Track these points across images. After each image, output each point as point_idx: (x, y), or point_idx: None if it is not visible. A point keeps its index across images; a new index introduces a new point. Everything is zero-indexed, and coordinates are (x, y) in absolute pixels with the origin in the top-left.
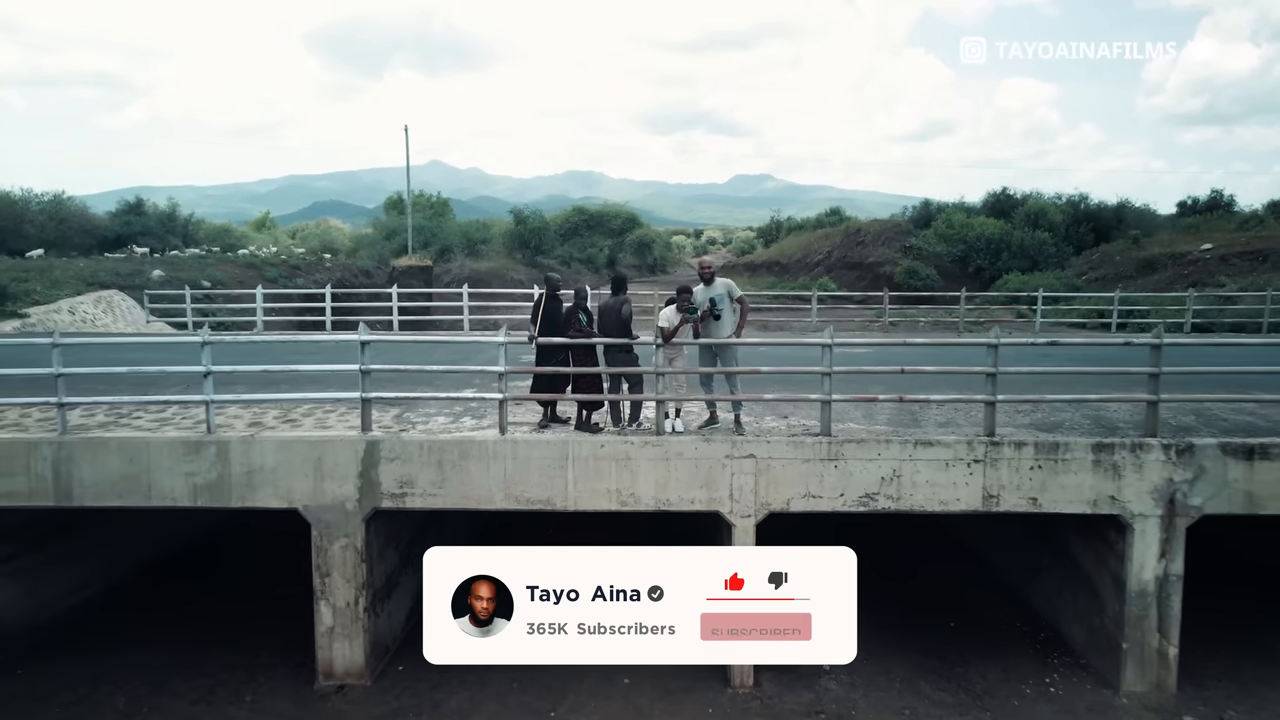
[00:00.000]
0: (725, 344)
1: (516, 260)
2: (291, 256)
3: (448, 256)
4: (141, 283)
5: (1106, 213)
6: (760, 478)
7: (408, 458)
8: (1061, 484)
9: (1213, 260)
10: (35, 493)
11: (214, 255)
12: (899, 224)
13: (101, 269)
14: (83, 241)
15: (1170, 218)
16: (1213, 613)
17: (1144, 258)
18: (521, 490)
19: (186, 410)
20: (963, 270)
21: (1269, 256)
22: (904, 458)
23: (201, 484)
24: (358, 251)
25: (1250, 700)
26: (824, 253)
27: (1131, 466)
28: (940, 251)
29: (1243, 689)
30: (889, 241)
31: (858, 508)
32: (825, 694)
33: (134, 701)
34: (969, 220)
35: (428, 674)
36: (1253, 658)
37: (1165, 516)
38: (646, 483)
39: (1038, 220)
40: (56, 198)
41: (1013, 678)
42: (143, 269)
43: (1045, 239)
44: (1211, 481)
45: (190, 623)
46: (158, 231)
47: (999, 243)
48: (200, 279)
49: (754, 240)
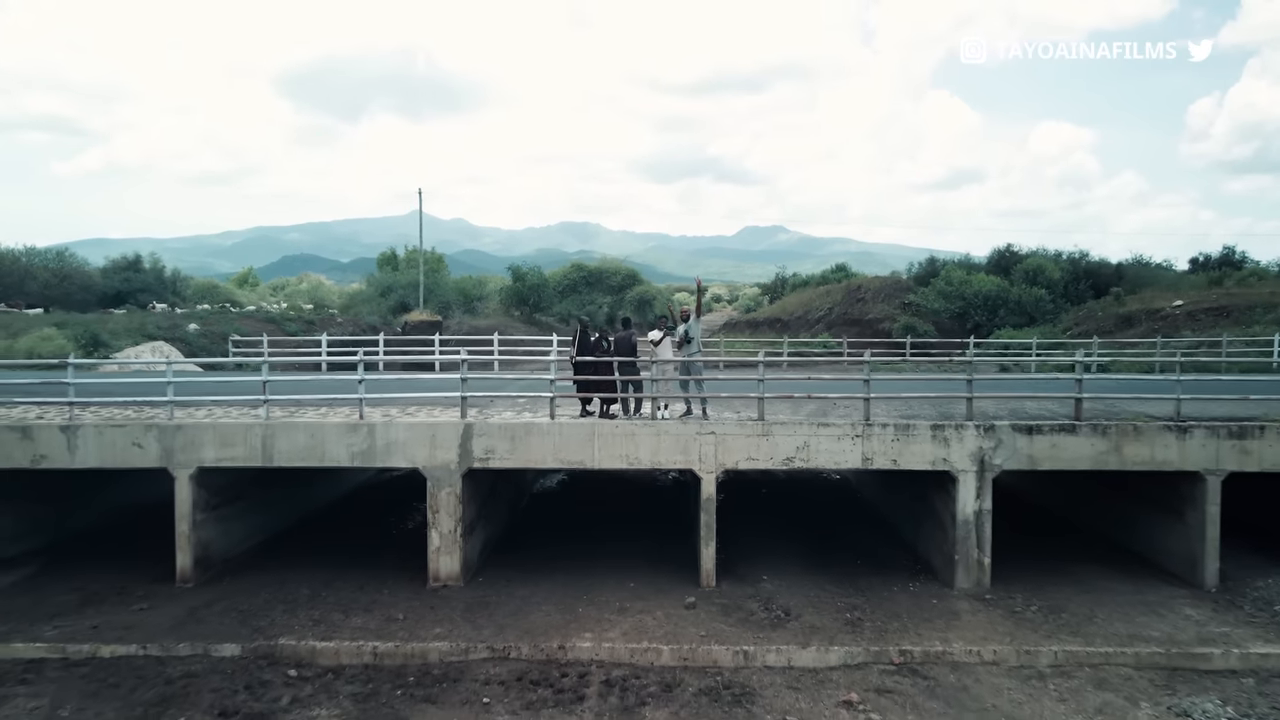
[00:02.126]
0: (691, 361)
1: (514, 317)
2: (301, 312)
3: (445, 313)
4: (181, 335)
5: (1107, 270)
6: (719, 446)
7: (490, 434)
8: (912, 451)
9: (1181, 315)
10: (249, 457)
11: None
12: (900, 281)
13: (148, 323)
14: (83, 298)
15: (1183, 274)
16: (1019, 545)
17: (1123, 313)
18: (564, 455)
19: (334, 409)
20: (960, 326)
21: (1230, 312)
22: (811, 434)
23: (357, 451)
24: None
25: (1036, 593)
26: (825, 309)
27: (956, 439)
28: (938, 308)
29: (1031, 586)
30: (889, 298)
31: (783, 466)
32: (764, 590)
33: (313, 591)
34: (968, 278)
35: (502, 579)
36: (1041, 569)
37: (978, 471)
38: (645, 450)
39: (1036, 277)
40: (59, 254)
41: (888, 584)
42: (178, 323)
43: (1042, 295)
44: (1006, 448)
45: (341, 549)
46: (155, 288)
47: (996, 299)
48: (230, 331)
49: (760, 297)
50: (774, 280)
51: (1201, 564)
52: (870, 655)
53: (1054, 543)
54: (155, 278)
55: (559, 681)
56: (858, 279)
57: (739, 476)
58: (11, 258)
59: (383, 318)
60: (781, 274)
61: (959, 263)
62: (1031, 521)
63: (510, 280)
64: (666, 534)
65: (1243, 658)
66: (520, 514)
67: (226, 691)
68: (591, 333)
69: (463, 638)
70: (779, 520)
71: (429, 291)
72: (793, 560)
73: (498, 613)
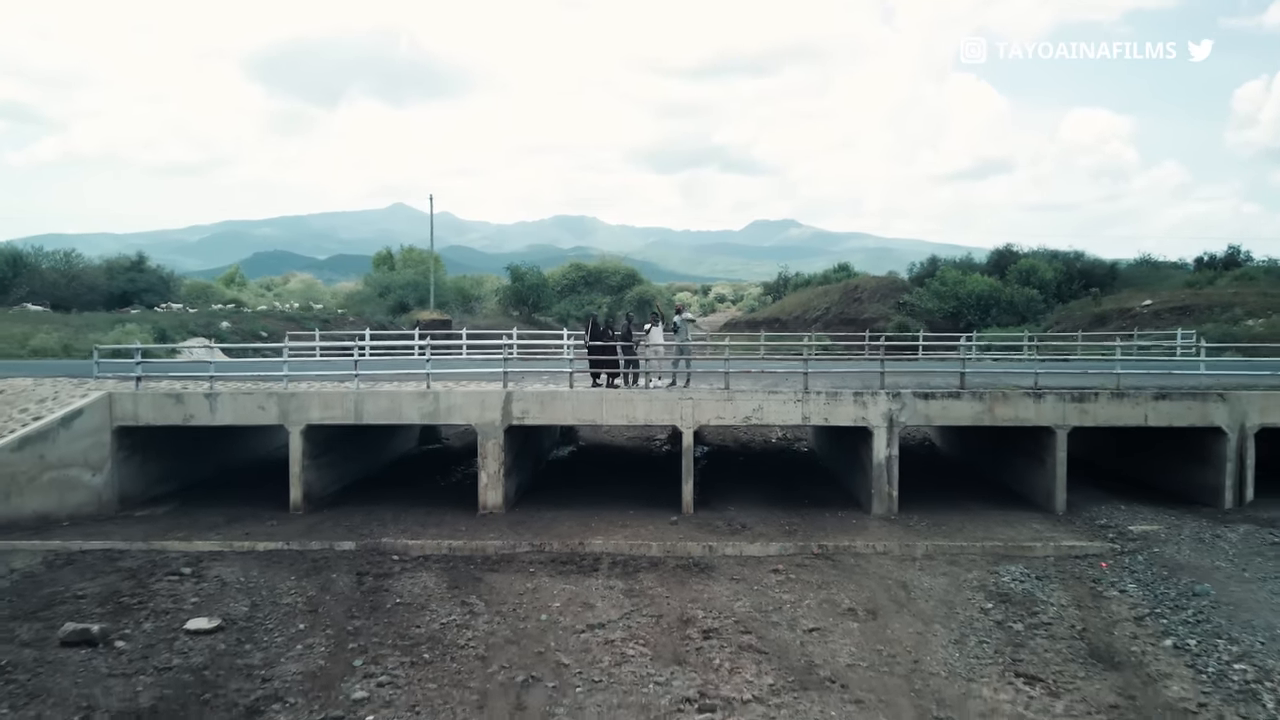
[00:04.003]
0: (684, 345)
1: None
2: (311, 311)
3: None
4: (215, 331)
5: (1101, 269)
6: (695, 408)
7: (525, 400)
8: (839, 411)
9: (1148, 314)
10: (345, 416)
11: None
12: (896, 281)
13: (189, 321)
14: (90, 298)
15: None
16: (929, 485)
17: (1098, 312)
18: (580, 415)
19: (403, 383)
20: (954, 325)
21: (1192, 311)
22: (764, 399)
23: (425, 412)
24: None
25: (929, 515)
26: (822, 309)
27: (872, 402)
28: (932, 308)
29: (927, 512)
30: (885, 298)
31: (743, 423)
32: (729, 515)
33: (393, 516)
34: (962, 278)
35: (532, 509)
36: (940, 501)
37: (888, 426)
38: (640, 411)
39: (1029, 278)
40: (66, 255)
41: (823, 511)
42: (210, 321)
43: (1034, 295)
44: (909, 409)
45: (404, 494)
46: (158, 288)
47: (988, 299)
48: (256, 329)
49: (763, 296)
50: (777, 279)
51: (1054, 496)
52: (798, 549)
53: (957, 484)
54: (158, 278)
55: (580, 562)
56: (855, 279)
57: (721, 449)
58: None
59: (387, 317)
60: (784, 273)
61: (955, 263)
62: (944, 470)
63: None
64: (659, 485)
65: (1055, 548)
66: (540, 474)
67: (356, 566)
68: (600, 325)
69: (510, 538)
70: (750, 478)
71: (427, 291)
72: (755, 499)
73: (532, 526)
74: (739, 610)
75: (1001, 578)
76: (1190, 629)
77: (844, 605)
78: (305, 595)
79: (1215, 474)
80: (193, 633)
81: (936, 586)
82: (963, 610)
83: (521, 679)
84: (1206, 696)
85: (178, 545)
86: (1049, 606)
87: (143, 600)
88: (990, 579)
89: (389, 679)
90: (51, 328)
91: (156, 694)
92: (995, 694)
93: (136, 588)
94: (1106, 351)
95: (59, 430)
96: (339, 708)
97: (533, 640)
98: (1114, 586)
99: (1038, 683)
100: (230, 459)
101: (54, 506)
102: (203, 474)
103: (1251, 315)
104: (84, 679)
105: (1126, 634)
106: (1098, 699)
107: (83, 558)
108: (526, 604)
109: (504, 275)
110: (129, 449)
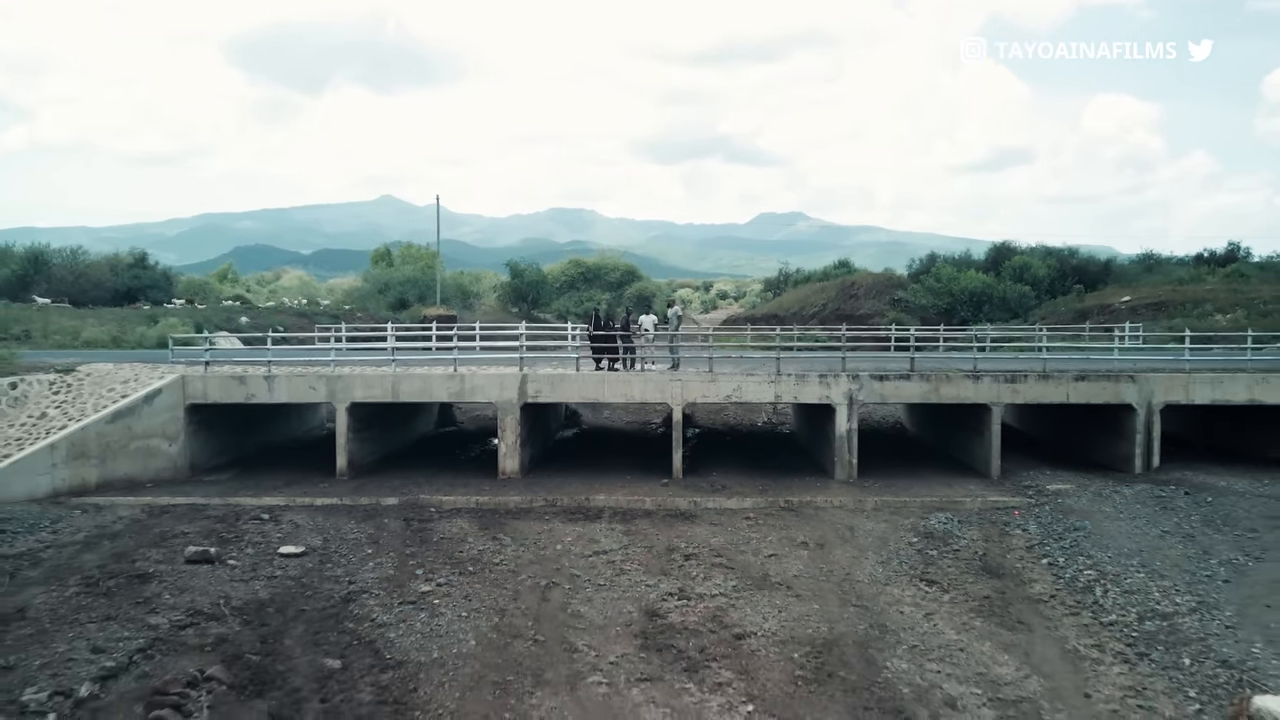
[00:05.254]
0: (675, 335)
1: (512, 314)
2: (320, 307)
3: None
4: (235, 325)
5: (1095, 266)
6: (684, 388)
7: (539, 380)
8: (807, 391)
9: (1125, 309)
10: (384, 395)
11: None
12: (892, 278)
13: (214, 316)
14: (97, 294)
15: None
16: (889, 456)
17: (1080, 308)
18: (585, 394)
19: (432, 367)
20: (948, 321)
21: (1165, 307)
22: (742, 380)
23: (453, 391)
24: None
25: (883, 479)
26: (819, 305)
27: (835, 383)
28: (926, 304)
29: (882, 476)
30: (880, 295)
31: (724, 400)
32: (713, 479)
33: (428, 479)
34: (957, 274)
35: (544, 475)
36: (895, 468)
37: (849, 404)
38: (636, 390)
39: (1022, 274)
40: (74, 252)
41: (793, 477)
42: (231, 316)
43: (1027, 292)
44: (866, 389)
45: (432, 464)
46: (162, 284)
47: (981, 295)
48: (272, 325)
49: (764, 293)
50: (778, 275)
51: (990, 463)
52: (768, 503)
53: (917, 458)
54: (160, 275)
55: (587, 512)
56: (852, 276)
57: (711, 430)
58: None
59: (389, 313)
60: (785, 269)
61: (952, 260)
62: (907, 447)
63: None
64: (654, 458)
65: (981, 503)
66: (548, 450)
67: (401, 514)
68: (602, 318)
69: (527, 495)
70: (735, 453)
71: (426, 288)
72: (736, 469)
73: (545, 487)
74: (714, 543)
75: (930, 522)
76: (1063, 552)
77: (799, 540)
78: (365, 533)
79: (1128, 445)
80: (285, 555)
81: (876, 529)
82: (893, 544)
83: (544, 583)
84: (1057, 591)
85: (250, 500)
86: (962, 540)
87: (237, 535)
88: (921, 523)
89: (445, 581)
90: (97, 321)
91: (270, 592)
92: (901, 592)
93: (228, 528)
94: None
95: (142, 406)
96: (412, 596)
97: (551, 561)
98: (1019, 528)
99: (935, 585)
100: (272, 438)
101: (139, 471)
102: (251, 449)
103: (1220, 310)
104: (213, 583)
105: (1015, 557)
106: (976, 593)
107: (174, 509)
108: (544, 539)
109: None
110: (197, 424)
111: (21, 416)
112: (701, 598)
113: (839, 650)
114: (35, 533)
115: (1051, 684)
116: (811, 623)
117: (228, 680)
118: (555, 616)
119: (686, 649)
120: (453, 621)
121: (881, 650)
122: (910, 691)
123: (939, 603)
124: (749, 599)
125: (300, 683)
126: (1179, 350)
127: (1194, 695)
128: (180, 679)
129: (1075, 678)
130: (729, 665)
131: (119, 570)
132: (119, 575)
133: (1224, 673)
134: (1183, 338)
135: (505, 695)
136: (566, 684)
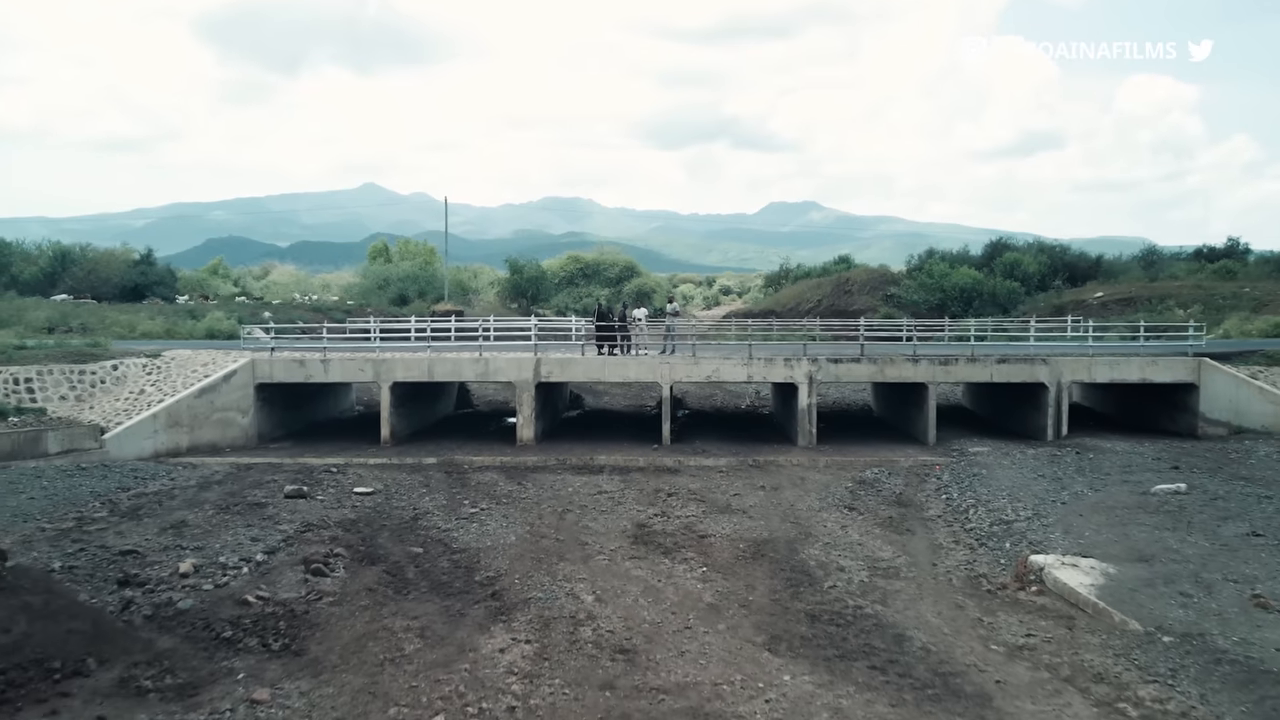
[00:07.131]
0: (670, 328)
1: (511, 309)
2: (330, 304)
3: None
4: (258, 320)
5: (1086, 263)
6: (671, 369)
7: (550, 363)
8: (774, 371)
9: (1097, 305)
10: (421, 375)
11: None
12: (887, 274)
13: (237, 311)
14: (106, 290)
15: (1184, 263)
16: (849, 429)
17: (1058, 304)
18: (589, 374)
19: (461, 354)
20: (938, 316)
21: (1134, 302)
22: (720, 363)
23: (479, 372)
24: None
25: (837, 446)
26: (815, 301)
27: (798, 365)
28: (918, 300)
29: (837, 444)
30: (873, 290)
31: (705, 380)
32: (696, 446)
33: (457, 446)
34: (949, 271)
35: (555, 444)
36: (850, 438)
37: (809, 383)
38: (632, 371)
39: (1013, 270)
40: (83, 250)
41: (765, 445)
42: (256, 311)
43: (1016, 287)
44: (824, 370)
45: (458, 437)
46: (168, 281)
47: (972, 291)
48: (294, 318)
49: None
50: (779, 270)
51: (927, 432)
52: (739, 462)
53: (874, 431)
54: (166, 272)
55: (591, 468)
56: (847, 272)
57: (699, 411)
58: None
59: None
60: (785, 264)
61: (947, 255)
62: (868, 424)
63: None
64: (647, 432)
65: (913, 461)
66: (556, 426)
67: (443, 469)
68: (604, 310)
69: (541, 457)
70: (719, 428)
71: (425, 284)
72: (717, 439)
73: (556, 451)
74: (692, 487)
75: (866, 474)
76: (959, 489)
77: (759, 485)
78: (417, 480)
79: (1042, 417)
80: (359, 493)
81: (823, 479)
82: (833, 489)
83: (560, 510)
84: (943, 513)
85: (315, 460)
86: (887, 486)
87: (317, 481)
88: (859, 475)
89: (486, 508)
90: (147, 315)
91: (354, 515)
92: (829, 515)
93: (308, 477)
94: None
95: (222, 384)
96: (464, 515)
97: (565, 498)
98: (935, 477)
99: (854, 510)
100: (316, 416)
101: (219, 438)
102: (301, 425)
103: (1181, 305)
104: (312, 509)
105: (923, 495)
106: (884, 515)
107: (256, 466)
108: (558, 485)
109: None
110: (263, 400)
111: (124, 393)
112: (678, 518)
113: (772, 544)
114: (158, 480)
115: (914, 560)
116: (756, 530)
117: (349, 556)
118: (570, 528)
119: (664, 543)
120: (496, 529)
121: (803, 545)
122: (815, 565)
123: (854, 521)
124: (713, 518)
125: (398, 558)
126: (1083, 338)
127: (1004, 563)
128: (319, 554)
129: (931, 557)
130: (693, 550)
131: (238, 502)
132: (240, 504)
133: (1028, 550)
134: (1088, 327)
135: (539, 564)
136: (580, 560)
